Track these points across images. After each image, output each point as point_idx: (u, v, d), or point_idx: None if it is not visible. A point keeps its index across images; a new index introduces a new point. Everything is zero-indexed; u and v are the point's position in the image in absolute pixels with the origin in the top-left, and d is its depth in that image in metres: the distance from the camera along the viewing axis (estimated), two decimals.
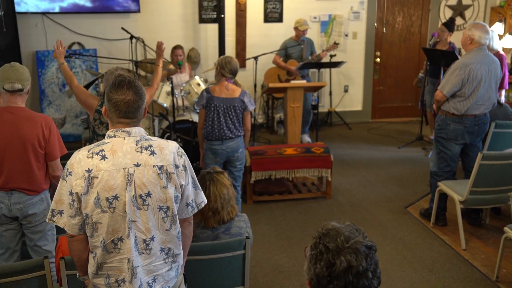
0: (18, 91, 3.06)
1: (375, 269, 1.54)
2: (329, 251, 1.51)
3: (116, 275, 2.14)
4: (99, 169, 2.05)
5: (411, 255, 4.17)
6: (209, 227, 2.84)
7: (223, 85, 4.26)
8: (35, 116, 3.10)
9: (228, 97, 4.23)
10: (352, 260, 1.49)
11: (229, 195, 2.85)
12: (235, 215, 2.89)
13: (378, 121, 8.27)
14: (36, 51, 6.69)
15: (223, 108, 4.23)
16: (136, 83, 2.14)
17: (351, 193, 5.43)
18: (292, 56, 6.75)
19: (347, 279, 1.49)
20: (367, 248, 1.54)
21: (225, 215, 2.84)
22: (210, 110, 4.25)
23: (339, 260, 1.49)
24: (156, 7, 7.03)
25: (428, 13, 8.06)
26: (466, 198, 4.13)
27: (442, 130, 4.46)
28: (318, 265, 1.52)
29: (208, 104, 4.25)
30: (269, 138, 7.25)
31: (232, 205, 2.88)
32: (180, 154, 2.19)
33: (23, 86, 3.07)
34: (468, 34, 4.27)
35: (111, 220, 2.07)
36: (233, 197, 2.90)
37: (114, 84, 2.12)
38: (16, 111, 3.06)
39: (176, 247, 2.23)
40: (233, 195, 2.90)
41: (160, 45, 4.03)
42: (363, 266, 1.50)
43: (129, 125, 2.13)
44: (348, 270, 1.49)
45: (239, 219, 2.93)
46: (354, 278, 1.49)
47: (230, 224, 2.86)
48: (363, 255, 1.51)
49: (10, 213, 3.08)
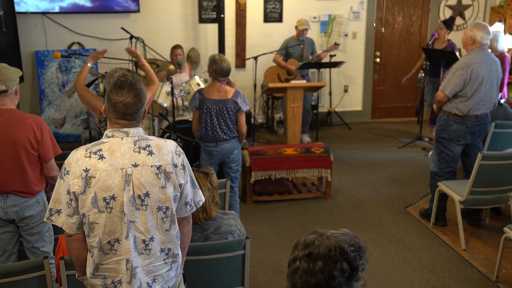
0: (2, 92, 2.98)
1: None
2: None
3: (112, 277, 2.13)
4: (97, 169, 2.04)
5: (411, 255, 4.17)
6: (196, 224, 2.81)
7: (215, 87, 4.24)
8: (25, 117, 3.04)
9: (221, 99, 4.21)
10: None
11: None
12: (210, 218, 2.81)
13: (378, 121, 8.26)
14: (36, 51, 6.68)
15: (216, 110, 4.21)
16: (137, 86, 2.12)
17: (351, 193, 5.43)
18: (292, 55, 6.75)
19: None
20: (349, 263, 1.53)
21: (198, 215, 2.77)
22: (203, 112, 4.24)
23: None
24: (156, 7, 7.03)
25: (428, 13, 8.05)
26: (466, 198, 4.13)
27: (443, 131, 4.45)
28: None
29: (201, 106, 4.23)
30: (269, 138, 7.25)
31: (205, 209, 2.78)
32: (178, 153, 2.19)
33: (7, 87, 2.98)
34: (470, 34, 4.26)
35: (108, 221, 2.07)
36: (210, 201, 2.81)
37: (115, 85, 2.12)
38: (6, 113, 3.00)
39: (175, 247, 2.23)
40: (209, 199, 2.81)
41: (129, 49, 4.12)
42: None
43: (127, 126, 2.13)
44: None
45: (228, 217, 2.90)
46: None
47: (219, 223, 2.83)
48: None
49: (6, 216, 3.06)
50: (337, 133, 7.59)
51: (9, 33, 5.96)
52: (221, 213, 2.91)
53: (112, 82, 2.74)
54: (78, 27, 6.80)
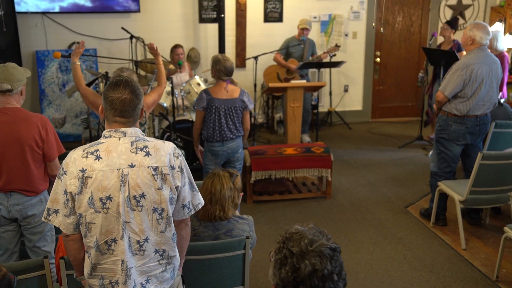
0: (7, 92, 3.01)
1: (340, 271, 1.51)
2: (293, 255, 1.49)
3: (110, 277, 2.13)
4: (93, 169, 2.04)
5: (411, 254, 4.17)
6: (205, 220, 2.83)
7: (222, 86, 4.25)
8: (31, 116, 3.07)
9: (229, 98, 4.23)
10: (316, 263, 1.47)
11: (222, 195, 2.79)
12: (226, 217, 2.83)
13: (378, 121, 8.26)
14: (36, 50, 6.68)
15: (224, 110, 4.22)
16: (133, 83, 2.13)
17: (351, 193, 5.43)
18: (293, 55, 6.75)
19: (312, 282, 1.46)
20: (332, 251, 1.51)
21: (215, 212, 2.79)
22: (211, 112, 4.24)
23: (303, 264, 1.47)
24: (156, 7, 7.03)
25: (428, 13, 8.05)
26: (466, 198, 4.13)
27: (443, 131, 4.45)
28: (283, 270, 1.50)
29: (209, 106, 4.24)
30: (269, 138, 7.25)
31: (223, 207, 2.80)
32: (177, 155, 2.18)
33: (12, 87, 3.01)
34: (469, 35, 4.26)
35: (104, 221, 2.07)
36: (229, 201, 2.83)
37: (111, 83, 2.13)
38: (12, 112, 3.03)
39: (171, 249, 2.21)
40: (229, 199, 2.82)
41: (151, 46, 4.04)
42: (328, 269, 1.48)
43: (125, 125, 2.13)
44: (313, 274, 1.47)
45: (243, 221, 2.89)
46: (320, 281, 1.47)
47: (232, 226, 2.83)
48: (327, 258, 1.49)
49: (9, 215, 3.07)
50: (337, 133, 7.59)
51: (9, 33, 5.97)
52: (237, 217, 2.90)
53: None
54: (78, 27, 6.81)
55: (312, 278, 1.46)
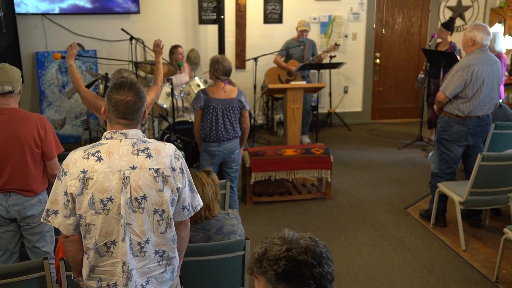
0: (8, 93, 3.03)
1: (330, 258, 1.55)
2: (282, 252, 1.56)
3: (108, 279, 2.13)
4: (94, 170, 2.04)
5: (411, 256, 4.17)
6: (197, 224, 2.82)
7: (220, 87, 4.25)
8: (29, 116, 3.09)
9: (227, 98, 4.23)
10: (307, 242, 1.55)
11: (205, 194, 2.76)
12: (213, 216, 2.81)
13: (378, 122, 8.26)
14: (36, 52, 6.68)
15: (222, 110, 4.22)
16: (137, 85, 2.14)
17: (351, 194, 5.43)
18: (293, 56, 6.75)
19: (308, 263, 1.51)
20: (311, 240, 1.56)
21: (200, 212, 2.75)
22: (208, 112, 4.24)
23: (295, 249, 1.54)
24: (156, 8, 7.03)
25: (428, 14, 8.06)
26: (466, 199, 4.13)
27: (445, 132, 4.44)
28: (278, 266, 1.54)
29: (206, 105, 4.24)
30: (269, 139, 7.25)
31: (208, 206, 2.78)
32: (177, 157, 2.18)
33: (13, 88, 3.03)
34: (470, 36, 4.26)
35: (104, 223, 2.06)
36: (213, 198, 2.82)
37: (115, 85, 2.12)
38: (10, 112, 3.04)
39: (171, 250, 2.22)
40: (212, 196, 2.81)
41: (158, 43, 4.04)
42: (321, 249, 1.54)
43: (127, 126, 2.13)
44: (307, 252, 1.52)
45: (230, 217, 2.89)
46: (315, 260, 1.51)
47: (221, 223, 2.83)
48: (313, 243, 1.55)
49: (8, 215, 3.07)
50: (337, 134, 7.59)
51: (9, 34, 5.98)
52: (224, 213, 2.90)
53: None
54: (78, 28, 6.81)
55: (307, 255, 1.50)
